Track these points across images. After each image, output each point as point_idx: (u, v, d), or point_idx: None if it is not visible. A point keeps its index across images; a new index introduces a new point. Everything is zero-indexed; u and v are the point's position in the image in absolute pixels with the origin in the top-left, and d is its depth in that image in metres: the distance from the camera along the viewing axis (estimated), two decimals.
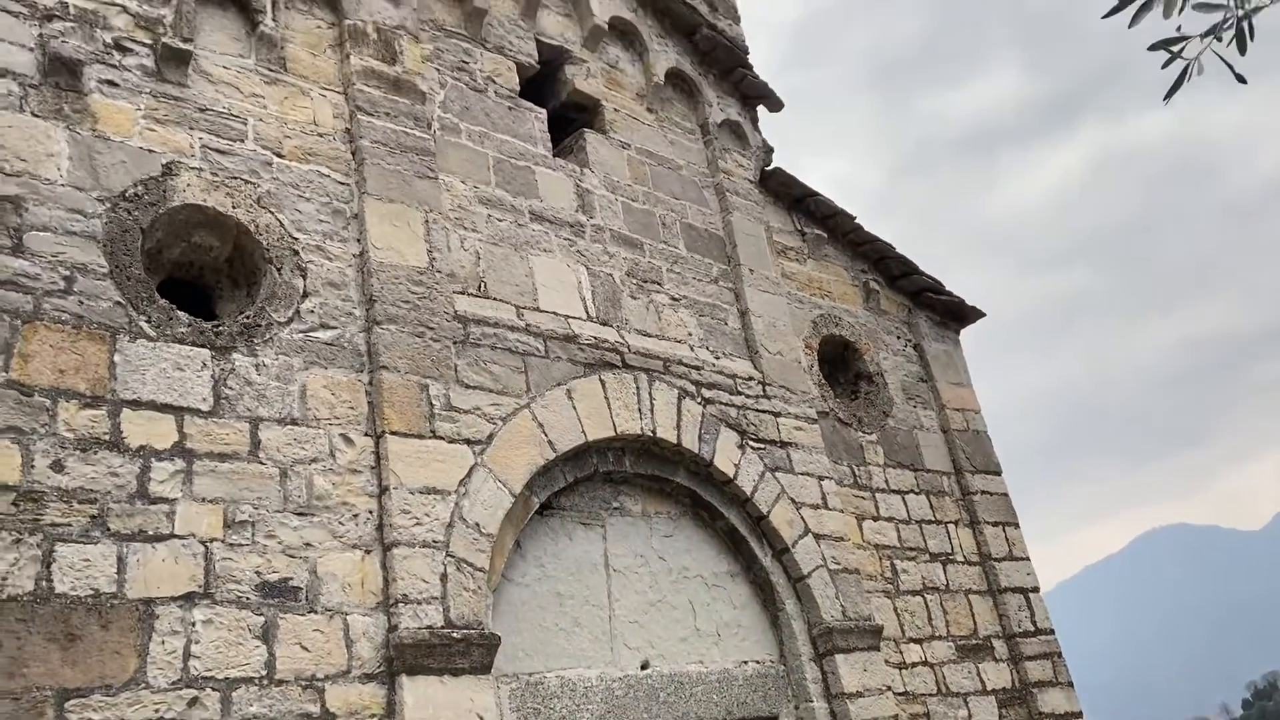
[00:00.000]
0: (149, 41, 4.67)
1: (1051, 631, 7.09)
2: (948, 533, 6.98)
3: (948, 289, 7.91)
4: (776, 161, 7.42)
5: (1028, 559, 7.29)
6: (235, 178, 4.70)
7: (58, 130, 4.25)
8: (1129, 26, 2.46)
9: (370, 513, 4.44)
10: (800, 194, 7.39)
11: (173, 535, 3.88)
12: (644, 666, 5.21)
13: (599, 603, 5.24)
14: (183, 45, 4.70)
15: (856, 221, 7.52)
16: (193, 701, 3.67)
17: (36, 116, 4.22)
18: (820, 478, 6.28)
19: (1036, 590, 7.19)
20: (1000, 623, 6.89)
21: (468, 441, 4.85)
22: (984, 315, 8.13)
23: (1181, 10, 2.44)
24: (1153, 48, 2.52)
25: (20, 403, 3.73)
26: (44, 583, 3.54)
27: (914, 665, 6.23)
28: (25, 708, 3.35)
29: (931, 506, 7.01)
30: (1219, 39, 2.47)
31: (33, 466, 3.67)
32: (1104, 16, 2.49)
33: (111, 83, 4.50)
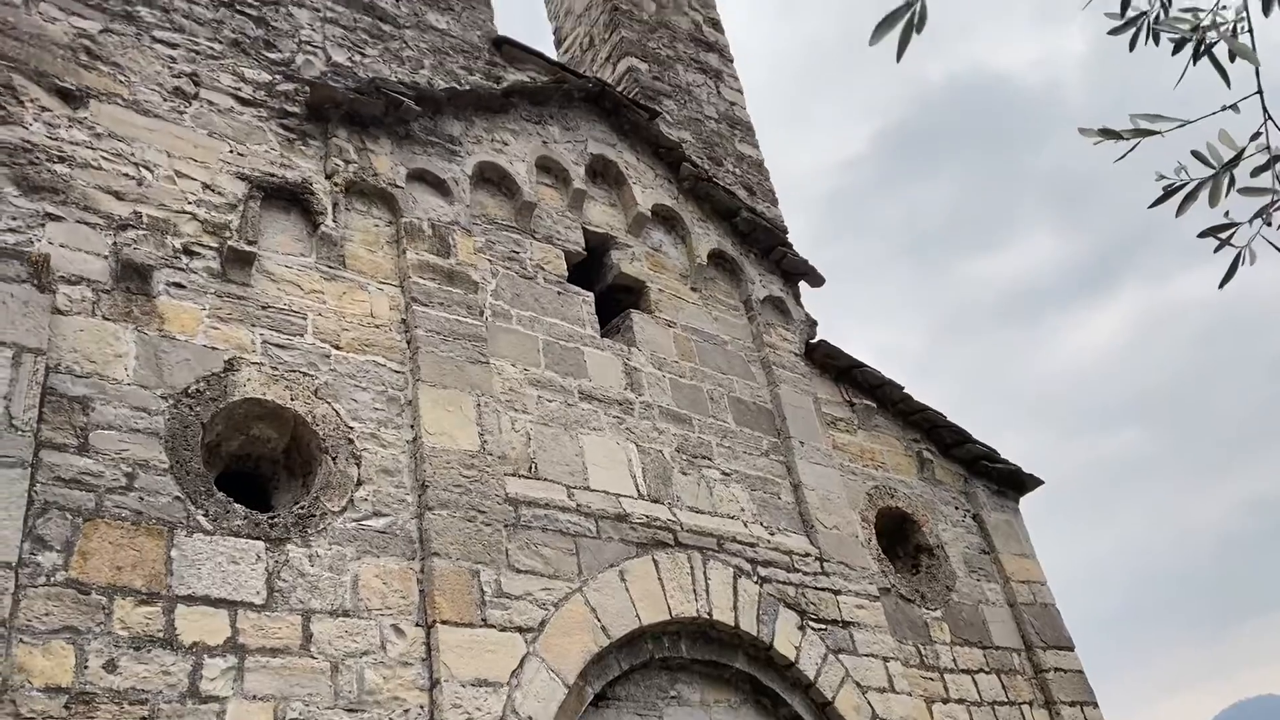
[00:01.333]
0: (215, 245, 4.91)
1: None
2: (1022, 714, 6.61)
3: (1003, 457, 7.78)
4: (820, 333, 7.50)
5: None
6: (294, 371, 4.83)
7: (126, 332, 4.43)
8: (1176, 216, 2.49)
9: (421, 707, 4.32)
10: (847, 365, 7.41)
11: None
12: None
13: None
14: (247, 248, 4.94)
15: (905, 391, 7.51)
16: None
17: (107, 319, 4.41)
18: (885, 659, 6.04)
19: None
20: None
21: (519, 629, 4.76)
22: (1042, 483, 7.96)
23: (1227, 195, 2.47)
24: (1203, 235, 2.53)
25: (77, 601, 3.74)
26: None
27: None
28: None
29: (1003, 686, 6.67)
30: (1269, 223, 2.49)
31: (86, 667, 3.64)
32: (1150, 207, 2.52)
33: (179, 285, 4.71)
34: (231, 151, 5.32)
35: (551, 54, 8.89)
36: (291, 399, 4.74)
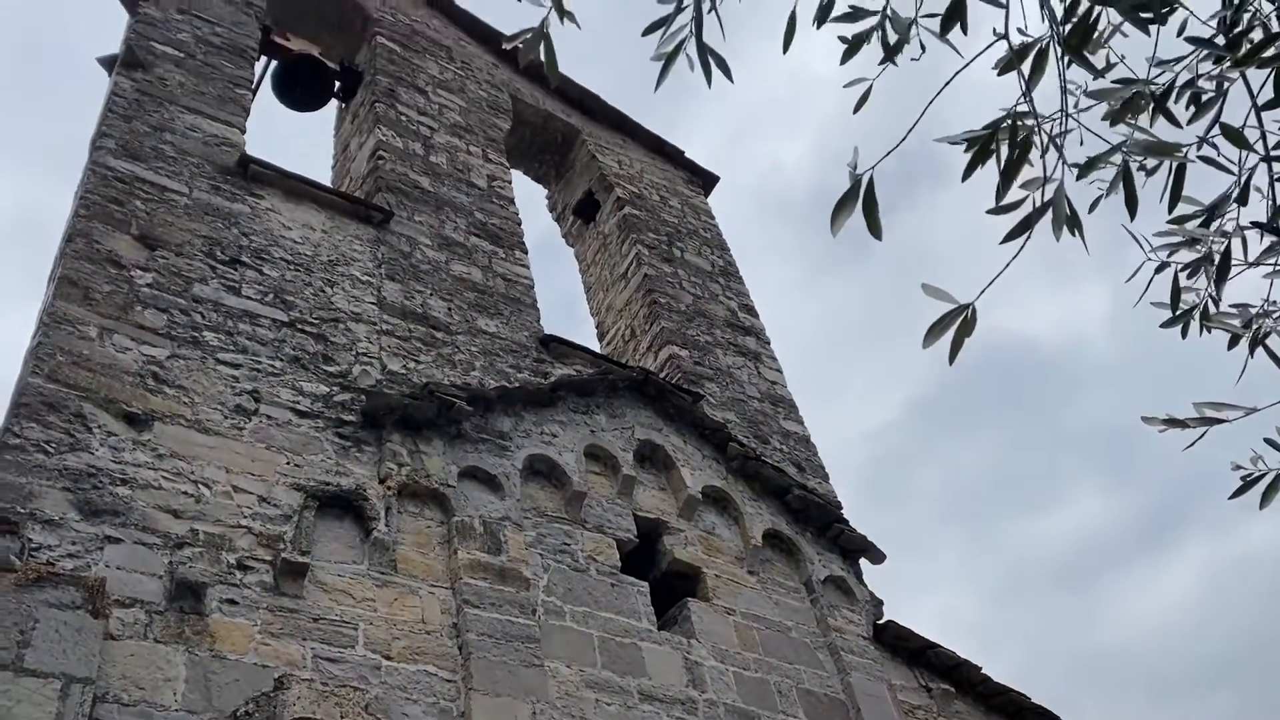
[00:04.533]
0: (269, 558, 4.89)
1: None
2: None
3: None
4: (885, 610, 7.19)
5: None
6: (344, 685, 4.66)
7: (177, 654, 4.33)
8: (1260, 509, 2.41)
9: None
10: (919, 646, 7.05)
11: None
12: None
13: None
14: (300, 559, 4.91)
15: (984, 672, 7.08)
16: None
17: (159, 642, 4.32)
18: None
19: None
20: None
21: None
22: None
23: None
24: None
25: None
26: None
27: None
28: None
29: None
30: None
31: None
32: (1230, 498, 2.45)
33: (232, 601, 4.65)
34: (289, 463, 5.42)
35: (595, 347, 9.21)
36: (342, 716, 4.54)
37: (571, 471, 6.43)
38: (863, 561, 7.53)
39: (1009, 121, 2.36)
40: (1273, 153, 2.55)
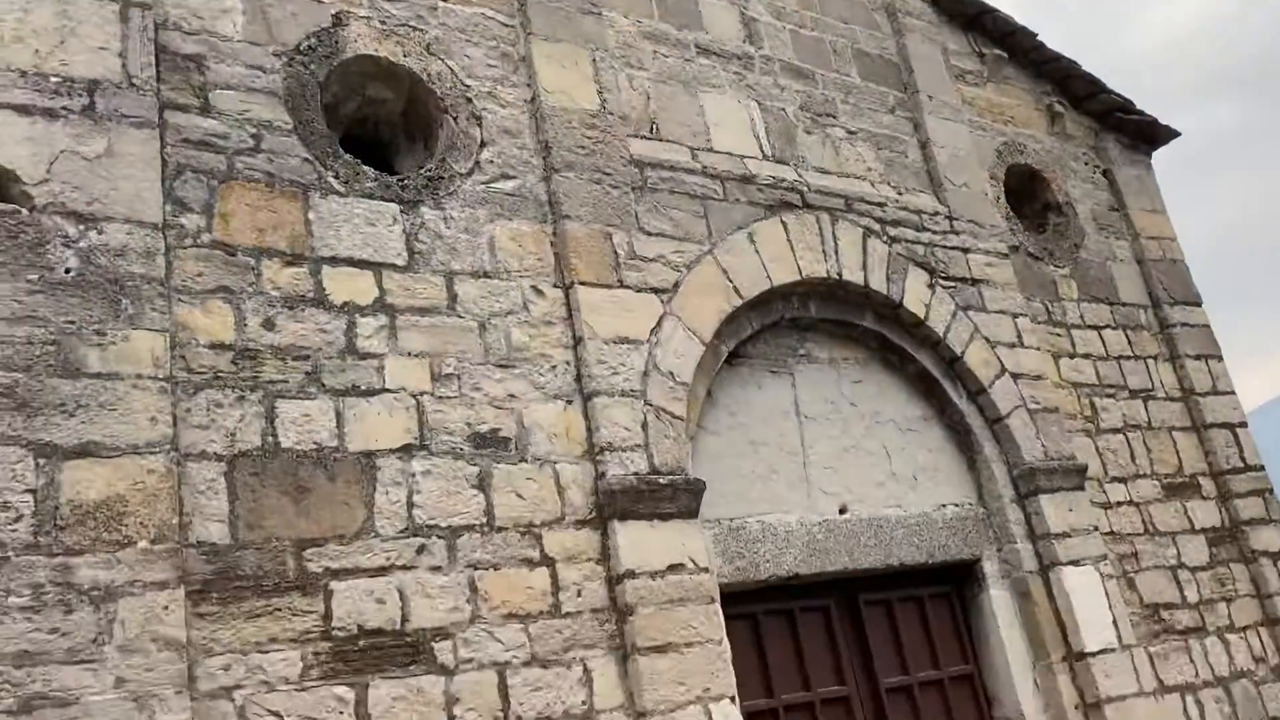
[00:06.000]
0: None
1: (1262, 468, 6.66)
2: (1147, 368, 6.56)
3: (1138, 108, 7.24)
4: None
5: (1233, 393, 6.81)
6: (403, 25, 4.51)
7: None
8: None
9: (567, 364, 4.35)
10: (975, 11, 6.79)
11: (384, 389, 3.87)
12: (842, 511, 5.08)
13: (792, 449, 5.09)
14: None
15: (1038, 39, 6.90)
16: (421, 549, 3.71)
17: None
18: (1014, 315, 5.92)
19: (1244, 425, 6.74)
20: (1206, 459, 6.49)
21: (654, 290, 4.69)
22: (1178, 134, 7.43)
23: None
24: None
25: (226, 263, 3.72)
26: (270, 438, 3.58)
27: (1119, 505, 5.93)
28: (268, 557, 3.43)
29: (1129, 341, 6.57)
30: None
31: (246, 325, 3.67)
32: None
33: None
34: None
35: None
36: (404, 55, 4.46)
37: None
38: None
39: None
40: None
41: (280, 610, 3.37)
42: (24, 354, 3.18)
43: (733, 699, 4.12)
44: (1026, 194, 6.81)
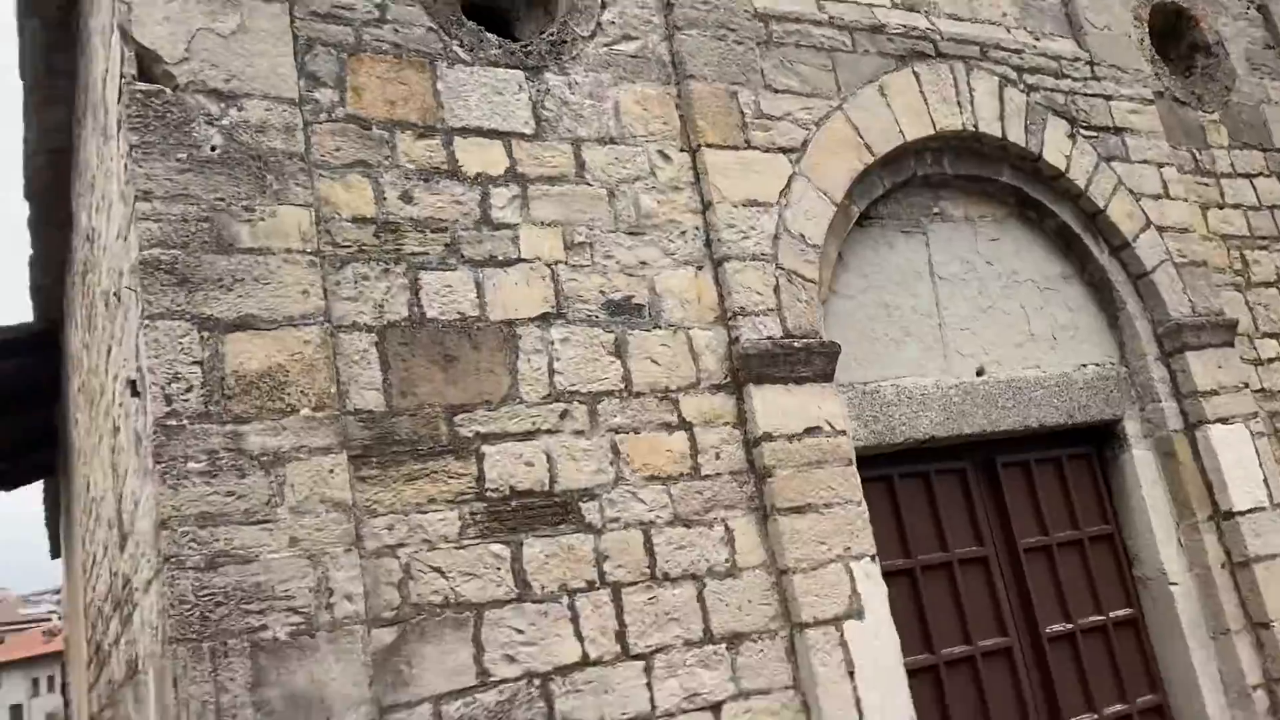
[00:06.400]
0: None
1: None
2: None
3: None
4: None
5: None
6: None
7: None
8: None
9: (696, 229, 4.30)
10: None
11: (520, 259, 3.89)
12: (979, 373, 4.98)
13: (927, 311, 4.98)
14: None
15: None
16: (564, 414, 3.77)
17: None
18: (1160, 165, 5.60)
19: None
20: None
21: (782, 150, 4.56)
22: None
23: None
24: None
25: (361, 136, 3.74)
26: (415, 309, 3.65)
27: (1270, 361, 5.67)
28: (421, 423, 3.53)
29: None
30: None
31: (385, 199, 3.71)
32: None
33: None
34: None
35: None
36: None
37: None
38: None
39: None
40: None
41: (436, 473, 3.50)
42: (181, 231, 3.28)
43: (873, 557, 4.15)
44: (1172, 34, 6.35)
